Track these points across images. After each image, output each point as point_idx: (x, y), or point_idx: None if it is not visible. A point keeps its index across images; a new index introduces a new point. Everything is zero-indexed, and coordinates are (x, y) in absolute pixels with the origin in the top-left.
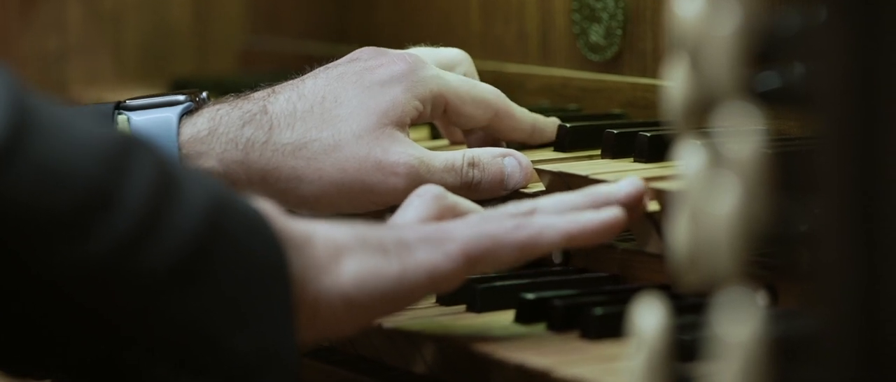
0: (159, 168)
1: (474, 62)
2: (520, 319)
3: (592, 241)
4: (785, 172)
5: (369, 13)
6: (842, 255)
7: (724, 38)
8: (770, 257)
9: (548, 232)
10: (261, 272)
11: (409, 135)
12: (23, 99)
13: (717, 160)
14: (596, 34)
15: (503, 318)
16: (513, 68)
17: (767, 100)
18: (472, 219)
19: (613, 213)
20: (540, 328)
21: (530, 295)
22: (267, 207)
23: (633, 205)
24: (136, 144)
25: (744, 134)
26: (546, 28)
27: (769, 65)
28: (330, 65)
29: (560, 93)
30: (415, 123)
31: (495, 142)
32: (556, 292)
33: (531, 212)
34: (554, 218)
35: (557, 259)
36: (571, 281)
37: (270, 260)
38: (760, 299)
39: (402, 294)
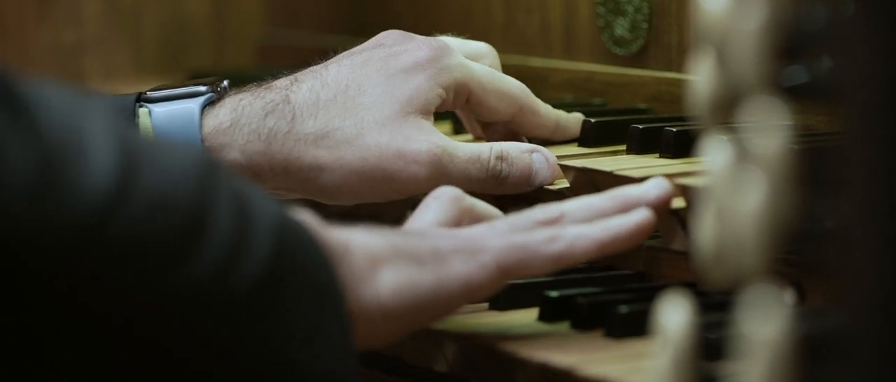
0: (234, 186)
1: (498, 56)
2: (543, 317)
3: (623, 248)
4: (812, 168)
5: (387, 5)
6: (868, 252)
7: (751, 32)
8: (796, 254)
9: (580, 243)
10: (320, 290)
11: (433, 123)
12: (123, 135)
13: (743, 156)
14: (621, 28)
15: (526, 316)
16: (536, 62)
17: (794, 95)
18: (500, 227)
19: (643, 217)
20: (564, 326)
21: (554, 293)
22: (308, 219)
23: (661, 207)
24: (214, 164)
25: (770, 129)
26: (569, 20)
27: (796, 59)
28: (354, 49)
29: (584, 87)
30: (438, 111)
31: (516, 138)
32: (579, 290)
33: (559, 219)
34: (585, 228)
35: None
36: (595, 278)
37: (326, 277)
38: (787, 297)
39: (439, 304)
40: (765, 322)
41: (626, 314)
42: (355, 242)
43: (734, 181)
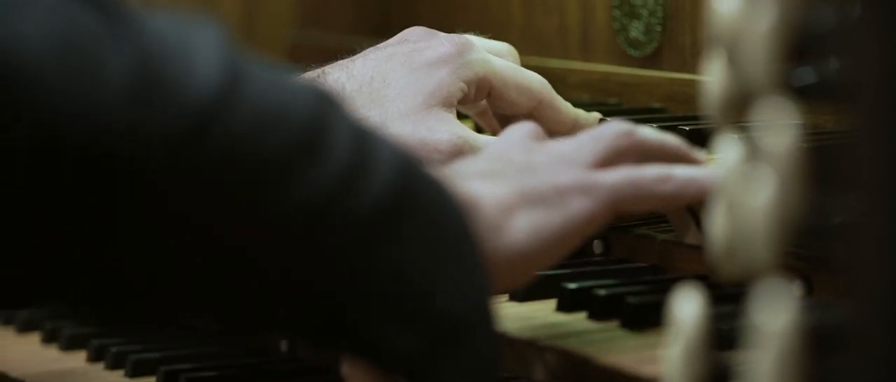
0: (355, 121)
1: (518, 56)
2: (561, 308)
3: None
4: (820, 166)
5: (410, 6)
6: (875, 247)
7: (762, 33)
8: (806, 249)
9: (691, 188)
10: (451, 228)
11: (455, 116)
12: (233, 52)
13: (754, 153)
14: (636, 30)
15: (545, 307)
16: (554, 63)
17: (803, 94)
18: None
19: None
20: (581, 317)
21: (572, 285)
22: (439, 169)
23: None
24: (333, 98)
25: (780, 128)
26: (586, 23)
27: (805, 60)
28: (380, 45)
29: (600, 87)
30: (461, 104)
31: None
32: (596, 282)
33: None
34: (692, 171)
35: (598, 249)
36: (612, 271)
37: (458, 217)
38: (796, 290)
39: (566, 240)
40: (775, 314)
41: (642, 305)
42: (483, 193)
43: (746, 178)
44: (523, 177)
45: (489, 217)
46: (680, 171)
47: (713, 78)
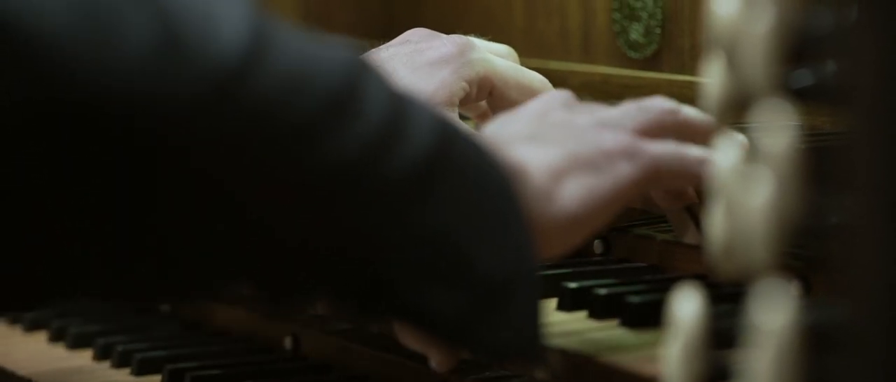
0: (391, 85)
1: (519, 59)
2: (562, 307)
3: None
4: (817, 167)
5: (415, 10)
6: (872, 247)
7: (760, 36)
8: (803, 249)
9: None
10: (493, 190)
11: (457, 114)
12: (259, 15)
13: (752, 154)
14: (636, 32)
15: (546, 306)
16: (555, 65)
17: (801, 96)
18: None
19: None
20: (581, 316)
21: (572, 284)
22: (482, 135)
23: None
24: (368, 62)
25: (778, 129)
26: (587, 26)
27: (803, 62)
28: (382, 46)
29: (601, 89)
30: (463, 103)
31: None
32: (596, 281)
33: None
34: None
35: (599, 249)
36: (612, 270)
37: (500, 181)
38: (794, 289)
39: (614, 204)
40: (773, 314)
41: (641, 304)
42: (531, 159)
43: (744, 178)
44: (570, 142)
45: (539, 183)
46: None
47: (712, 79)
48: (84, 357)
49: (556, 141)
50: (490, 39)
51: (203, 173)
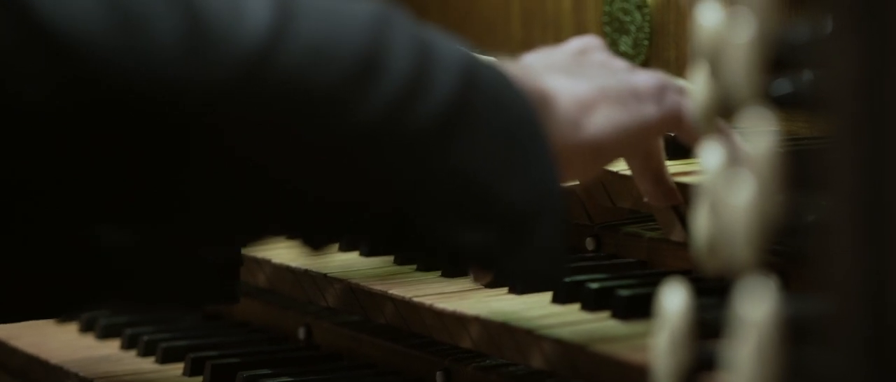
0: (415, 32)
1: None
2: (556, 300)
3: None
4: (796, 169)
5: (417, 20)
6: (847, 244)
7: (742, 47)
8: (782, 246)
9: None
10: (517, 124)
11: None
12: None
13: (735, 158)
14: (625, 44)
15: (541, 300)
16: None
17: (780, 104)
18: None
19: None
20: (574, 308)
21: (566, 279)
22: (508, 65)
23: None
24: (391, 13)
25: (759, 134)
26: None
27: (782, 72)
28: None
29: None
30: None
31: None
32: (589, 276)
33: None
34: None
35: (591, 246)
36: (603, 266)
37: (523, 113)
38: (773, 283)
39: (636, 140)
40: (755, 306)
41: (631, 297)
42: (562, 88)
43: (727, 180)
44: (602, 78)
45: (568, 111)
46: None
47: (697, 88)
48: (112, 347)
49: (589, 76)
50: (490, 50)
51: (237, 149)
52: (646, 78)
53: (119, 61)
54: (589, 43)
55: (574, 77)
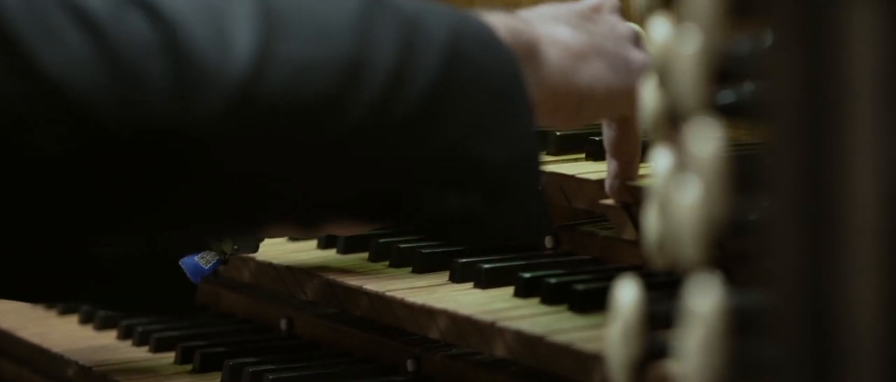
0: (400, 15)
1: None
2: (518, 294)
3: None
4: (740, 173)
5: None
6: (787, 242)
7: (689, 58)
8: (727, 243)
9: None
10: (499, 86)
11: None
12: (267, 7)
13: (682, 162)
14: None
15: (504, 293)
16: None
17: (725, 112)
18: None
19: None
20: (534, 302)
21: (526, 274)
22: (495, 20)
23: None
24: (375, 3)
25: (705, 141)
26: None
27: (727, 83)
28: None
29: None
30: None
31: None
32: (547, 271)
33: None
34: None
35: (549, 244)
36: (560, 262)
37: (506, 74)
38: (719, 278)
39: (619, 106)
40: (702, 299)
41: (587, 291)
42: (557, 36)
43: (675, 183)
44: (602, 37)
45: (560, 57)
46: None
47: (647, 98)
48: (109, 337)
49: (590, 32)
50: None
51: (232, 165)
52: (642, 55)
53: (115, 110)
54: (604, 2)
55: (574, 29)
